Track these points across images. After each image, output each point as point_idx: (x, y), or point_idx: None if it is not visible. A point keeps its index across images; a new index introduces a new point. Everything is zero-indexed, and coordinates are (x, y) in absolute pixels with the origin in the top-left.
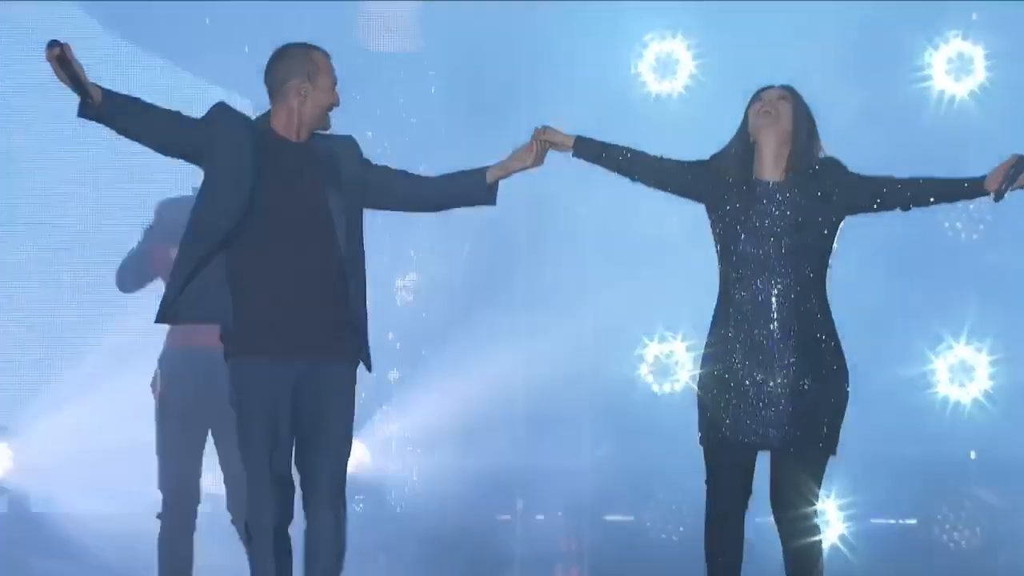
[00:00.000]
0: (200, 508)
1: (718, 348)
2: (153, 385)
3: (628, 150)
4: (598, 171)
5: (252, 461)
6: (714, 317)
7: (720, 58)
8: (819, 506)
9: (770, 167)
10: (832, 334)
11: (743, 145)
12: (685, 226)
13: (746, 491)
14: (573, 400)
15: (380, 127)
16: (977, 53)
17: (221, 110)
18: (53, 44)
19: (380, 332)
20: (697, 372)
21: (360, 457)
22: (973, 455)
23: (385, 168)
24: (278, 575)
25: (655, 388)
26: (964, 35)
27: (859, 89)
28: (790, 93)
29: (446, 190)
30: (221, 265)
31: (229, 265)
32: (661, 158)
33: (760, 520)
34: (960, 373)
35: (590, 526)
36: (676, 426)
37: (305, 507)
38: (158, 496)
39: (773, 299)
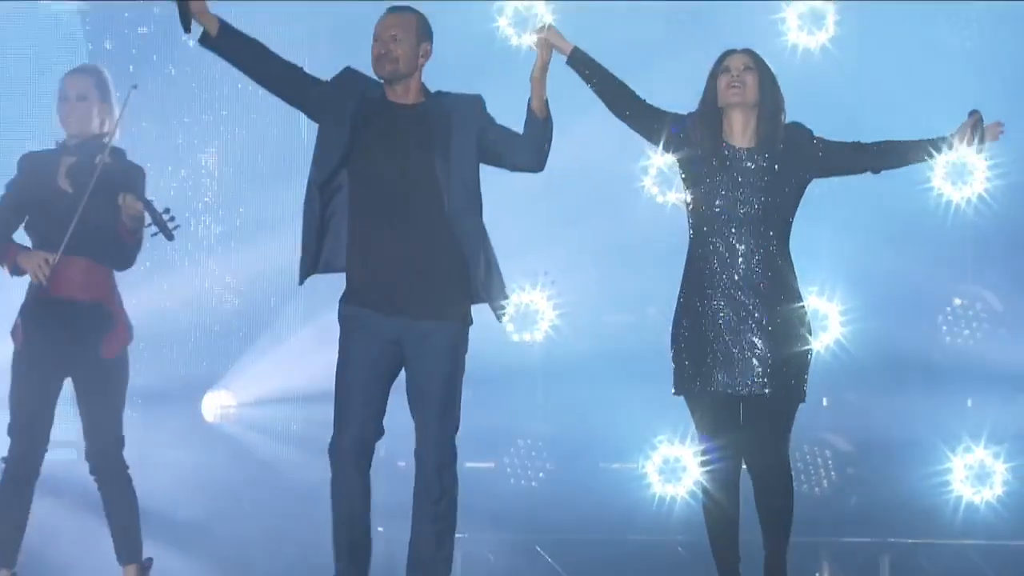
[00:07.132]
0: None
1: (690, 303)
2: (14, 334)
3: (615, 79)
4: None
5: (340, 394)
6: (685, 273)
7: (578, 12)
8: (675, 452)
9: (739, 134)
10: (796, 288)
11: (711, 111)
12: (553, 178)
13: (735, 438)
14: None
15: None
16: (828, 8)
17: (345, 73)
18: None
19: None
20: (671, 328)
21: (226, 404)
22: (825, 402)
23: (506, 131)
24: (354, 492)
25: (514, 336)
26: None
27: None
28: (755, 62)
29: (525, 141)
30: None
31: (348, 222)
32: (642, 99)
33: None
34: (813, 322)
35: None
36: (535, 373)
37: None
38: (6, 441)
39: (742, 257)
